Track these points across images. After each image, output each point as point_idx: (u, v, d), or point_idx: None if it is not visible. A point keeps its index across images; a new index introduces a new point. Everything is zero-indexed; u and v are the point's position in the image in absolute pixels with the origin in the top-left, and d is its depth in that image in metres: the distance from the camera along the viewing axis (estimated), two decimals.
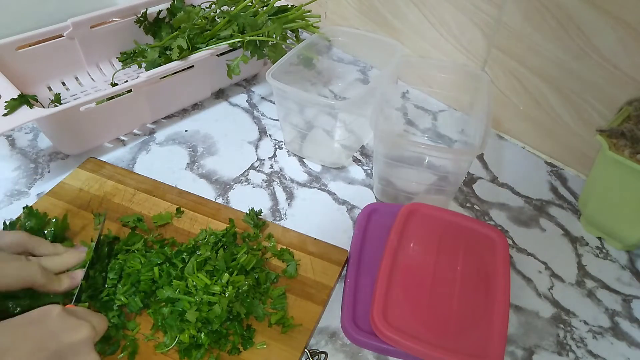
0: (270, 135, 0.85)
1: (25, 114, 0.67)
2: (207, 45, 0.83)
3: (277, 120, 0.87)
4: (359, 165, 0.80)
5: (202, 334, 0.53)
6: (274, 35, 0.84)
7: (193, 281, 0.56)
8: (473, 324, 0.55)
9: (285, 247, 0.64)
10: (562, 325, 0.60)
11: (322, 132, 0.78)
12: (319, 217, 0.71)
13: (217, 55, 0.83)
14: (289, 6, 0.89)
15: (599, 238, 0.70)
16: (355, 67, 1.00)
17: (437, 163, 0.71)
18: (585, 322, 0.60)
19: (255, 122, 0.87)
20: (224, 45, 0.82)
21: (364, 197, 0.74)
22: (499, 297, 0.57)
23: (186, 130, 0.84)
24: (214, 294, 0.55)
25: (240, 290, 0.56)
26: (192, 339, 0.53)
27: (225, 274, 0.56)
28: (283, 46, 0.86)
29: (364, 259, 0.63)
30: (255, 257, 0.60)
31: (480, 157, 0.82)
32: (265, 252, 0.63)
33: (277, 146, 0.83)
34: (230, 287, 0.55)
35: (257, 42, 0.84)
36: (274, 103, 0.91)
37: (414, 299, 0.57)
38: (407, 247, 0.62)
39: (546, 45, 0.73)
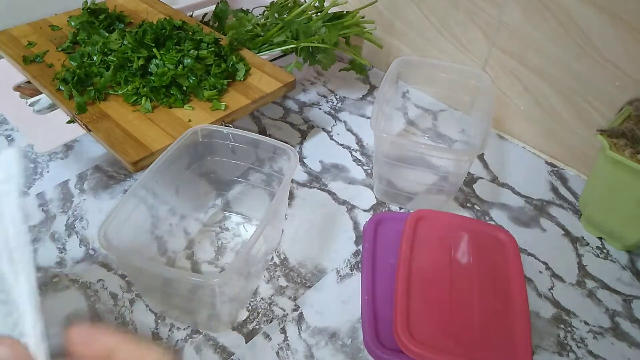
0: (270, 135, 0.84)
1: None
2: (259, 52, 0.85)
3: (277, 120, 0.87)
4: (359, 165, 0.80)
5: (146, 88, 0.70)
6: (329, 42, 0.84)
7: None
8: (496, 332, 0.53)
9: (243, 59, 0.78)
10: (562, 326, 0.60)
11: None
12: (319, 217, 0.71)
13: (269, 61, 0.83)
14: (344, 12, 0.89)
15: (600, 238, 0.70)
16: None
17: (437, 163, 0.71)
18: (586, 323, 0.60)
19: (255, 122, 0.87)
20: (277, 52, 0.84)
21: (364, 197, 0.74)
22: (517, 300, 0.55)
23: None
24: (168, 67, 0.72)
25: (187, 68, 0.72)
26: (135, 90, 0.70)
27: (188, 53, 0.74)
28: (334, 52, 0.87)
29: (378, 273, 0.61)
30: (211, 56, 0.76)
31: (481, 157, 0.82)
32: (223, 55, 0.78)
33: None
34: (181, 66, 0.72)
35: (310, 49, 0.84)
36: (273, 103, 0.90)
37: (435, 310, 0.54)
38: (419, 257, 0.59)
39: (547, 44, 0.73)
